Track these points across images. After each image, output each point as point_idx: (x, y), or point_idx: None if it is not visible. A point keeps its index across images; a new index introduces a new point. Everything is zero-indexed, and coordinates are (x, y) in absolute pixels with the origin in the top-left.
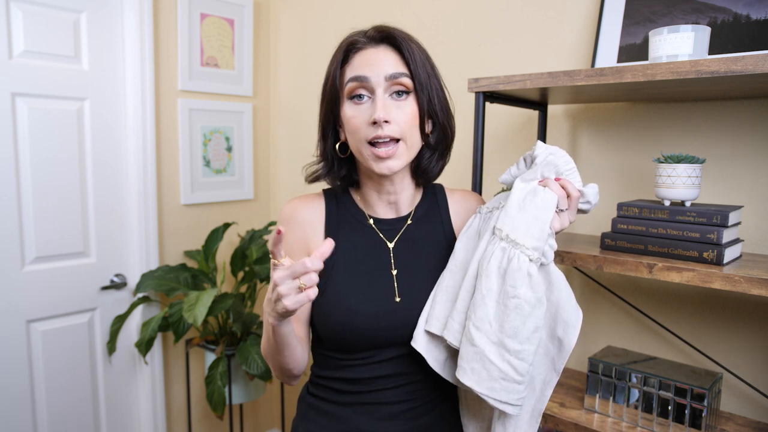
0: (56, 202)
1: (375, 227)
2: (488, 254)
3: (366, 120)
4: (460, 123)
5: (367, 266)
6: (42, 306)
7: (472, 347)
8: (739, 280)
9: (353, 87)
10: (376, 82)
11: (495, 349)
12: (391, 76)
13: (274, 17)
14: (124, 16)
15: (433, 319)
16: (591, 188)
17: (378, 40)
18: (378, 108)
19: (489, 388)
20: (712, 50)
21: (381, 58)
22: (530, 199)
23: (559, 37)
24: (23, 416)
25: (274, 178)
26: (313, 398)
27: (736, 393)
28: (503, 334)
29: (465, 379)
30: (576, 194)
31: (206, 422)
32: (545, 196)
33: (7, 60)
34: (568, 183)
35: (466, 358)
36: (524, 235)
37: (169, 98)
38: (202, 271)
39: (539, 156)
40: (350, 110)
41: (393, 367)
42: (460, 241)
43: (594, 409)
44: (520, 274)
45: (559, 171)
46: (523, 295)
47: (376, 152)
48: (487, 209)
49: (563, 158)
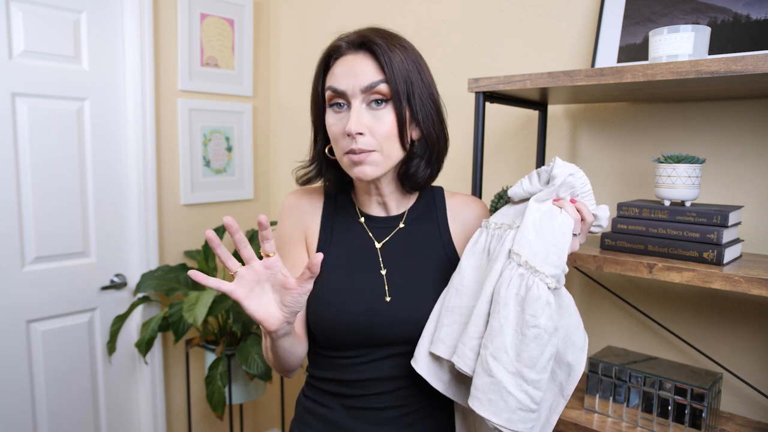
0: (56, 202)
1: (366, 225)
2: (505, 280)
3: (342, 130)
4: (460, 123)
5: (357, 264)
6: (42, 306)
7: (489, 378)
8: (739, 280)
9: (331, 96)
10: (351, 94)
11: (512, 380)
12: (367, 87)
13: (274, 17)
14: (124, 16)
15: (439, 342)
16: (603, 211)
17: (357, 45)
18: (351, 121)
19: (507, 420)
20: (712, 50)
21: (358, 66)
22: (548, 223)
23: (559, 37)
24: (23, 416)
25: (274, 178)
26: (309, 401)
27: (736, 393)
28: (521, 364)
29: (482, 411)
30: (590, 219)
31: (206, 422)
32: (563, 220)
33: (7, 60)
34: (584, 207)
35: (482, 389)
36: (543, 262)
37: (169, 98)
38: (202, 271)
39: (558, 177)
40: (331, 118)
41: (386, 369)
42: (466, 258)
43: (594, 409)
44: (539, 303)
45: (575, 192)
46: (543, 324)
47: (351, 158)
48: (495, 225)
49: (581, 180)
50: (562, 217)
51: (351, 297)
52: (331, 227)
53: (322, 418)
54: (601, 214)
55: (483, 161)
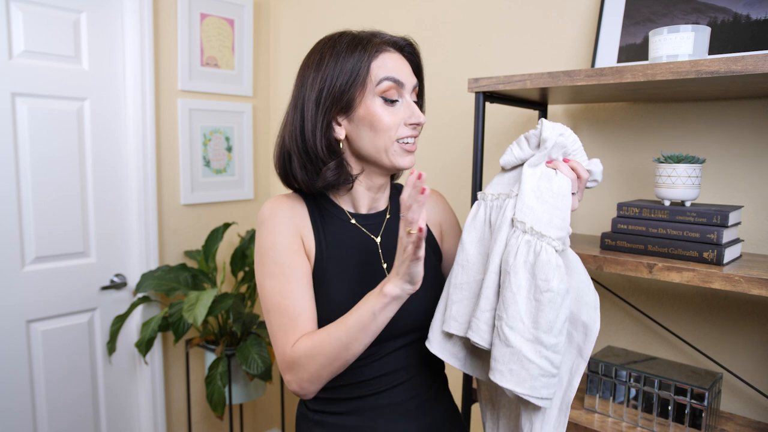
0: (56, 202)
1: (358, 224)
2: (512, 249)
3: (399, 121)
4: (460, 123)
5: (357, 261)
6: (42, 306)
7: (507, 348)
8: (739, 280)
9: (389, 87)
10: (408, 88)
11: (531, 347)
12: (415, 85)
13: (274, 17)
14: (124, 16)
15: (450, 320)
16: (596, 166)
17: (401, 47)
18: (416, 111)
19: (531, 387)
20: (712, 50)
21: (406, 65)
22: (546, 186)
23: (559, 37)
24: (23, 416)
25: (274, 178)
26: (317, 414)
27: (736, 393)
28: (539, 330)
29: (503, 382)
30: (586, 176)
31: (206, 422)
32: (561, 182)
33: (7, 60)
34: (578, 165)
35: (501, 360)
36: (548, 226)
37: (169, 98)
38: (202, 271)
39: (549, 139)
40: (381, 109)
41: (394, 361)
42: (467, 233)
43: (594, 409)
44: (550, 267)
45: (567, 151)
46: (555, 287)
47: (406, 147)
48: (492, 196)
49: (570, 137)
50: (559, 178)
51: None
52: (322, 230)
53: (337, 427)
54: (595, 169)
55: (483, 161)
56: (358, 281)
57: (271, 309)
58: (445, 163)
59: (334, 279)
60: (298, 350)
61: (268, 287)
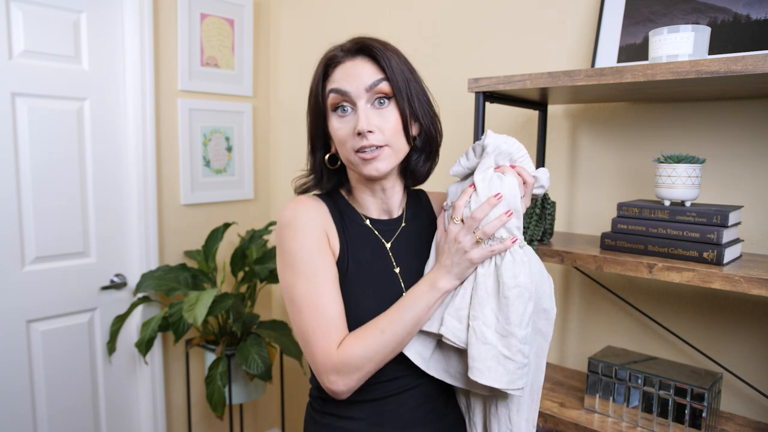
0: (56, 202)
1: (372, 227)
2: None
3: (351, 131)
4: (460, 123)
5: (374, 264)
6: (42, 306)
7: (485, 345)
8: (739, 280)
9: (335, 99)
10: (356, 95)
11: (506, 342)
12: (370, 86)
13: (274, 17)
14: (124, 16)
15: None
16: (543, 173)
17: (354, 52)
18: (361, 119)
19: (509, 382)
20: (712, 50)
21: (359, 70)
22: (497, 188)
23: (559, 37)
24: (23, 416)
25: (274, 178)
26: (326, 416)
27: (736, 393)
28: (511, 324)
29: (483, 379)
30: (531, 180)
31: (206, 422)
32: (510, 183)
33: (7, 60)
34: (523, 170)
35: (479, 357)
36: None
37: (169, 98)
38: (202, 271)
39: (490, 145)
40: (336, 122)
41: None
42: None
43: (594, 409)
44: (516, 264)
45: (513, 158)
46: (523, 282)
47: (362, 156)
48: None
49: (515, 145)
50: (508, 179)
51: (373, 298)
52: (345, 230)
53: (344, 431)
54: (541, 176)
55: None
56: (378, 282)
57: (304, 310)
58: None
59: (358, 279)
60: (352, 352)
61: (302, 288)
